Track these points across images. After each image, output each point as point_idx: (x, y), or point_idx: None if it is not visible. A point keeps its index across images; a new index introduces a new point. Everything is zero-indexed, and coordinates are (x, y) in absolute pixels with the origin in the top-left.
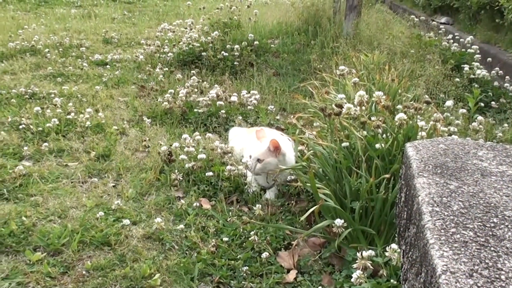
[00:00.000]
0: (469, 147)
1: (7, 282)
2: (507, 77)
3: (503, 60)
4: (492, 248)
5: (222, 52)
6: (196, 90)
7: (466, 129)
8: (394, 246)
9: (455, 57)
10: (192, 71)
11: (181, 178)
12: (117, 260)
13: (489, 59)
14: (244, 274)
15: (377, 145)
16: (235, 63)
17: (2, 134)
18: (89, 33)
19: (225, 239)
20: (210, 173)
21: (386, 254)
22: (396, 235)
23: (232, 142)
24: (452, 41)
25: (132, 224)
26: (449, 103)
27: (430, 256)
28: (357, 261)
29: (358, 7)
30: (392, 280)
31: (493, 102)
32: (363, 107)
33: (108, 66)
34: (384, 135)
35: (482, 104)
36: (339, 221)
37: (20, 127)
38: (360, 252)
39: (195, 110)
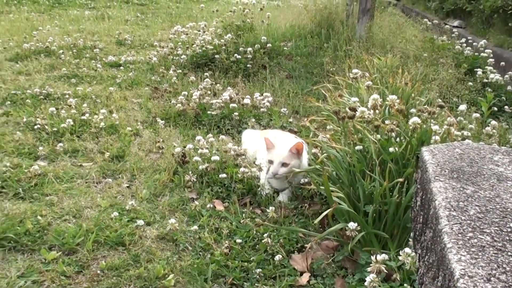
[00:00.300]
0: (485, 152)
1: (23, 280)
2: None
3: None
4: (509, 253)
5: (235, 54)
6: (209, 92)
7: (480, 134)
8: (407, 250)
9: (468, 61)
10: (205, 74)
11: (194, 180)
12: (131, 260)
13: (503, 63)
14: (257, 276)
15: (391, 149)
16: (248, 65)
17: (17, 134)
18: (102, 34)
19: (239, 241)
20: (224, 175)
21: (400, 258)
22: (409, 239)
23: (245, 145)
24: (465, 44)
25: (146, 225)
26: (463, 107)
27: (447, 260)
28: (370, 264)
29: (371, 10)
30: (405, 285)
31: (506, 107)
32: (377, 111)
33: (121, 67)
34: (397, 139)
35: (496, 109)
36: (352, 225)
37: (35, 127)
38: (374, 256)
39: (209, 112)
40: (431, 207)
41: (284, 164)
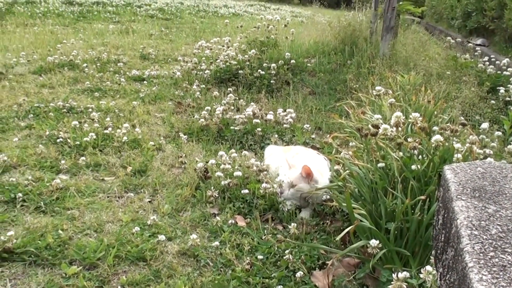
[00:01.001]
0: (507, 171)
1: None
2: None
3: None
4: None
5: (259, 70)
6: (232, 107)
7: (502, 152)
8: (429, 268)
9: (491, 79)
10: (228, 89)
11: (216, 195)
12: (152, 276)
13: None
14: None
15: (413, 167)
16: (271, 81)
17: (40, 148)
18: (126, 48)
19: (260, 257)
20: (246, 191)
21: (421, 276)
22: (431, 257)
23: (267, 160)
24: (488, 63)
25: (167, 240)
26: (485, 125)
27: (469, 280)
28: (391, 282)
29: (395, 28)
30: None
31: None
32: (400, 128)
33: (145, 81)
34: (420, 157)
35: None
36: (374, 242)
37: (58, 140)
38: (395, 274)
39: (231, 127)
40: (452, 225)
41: (292, 185)
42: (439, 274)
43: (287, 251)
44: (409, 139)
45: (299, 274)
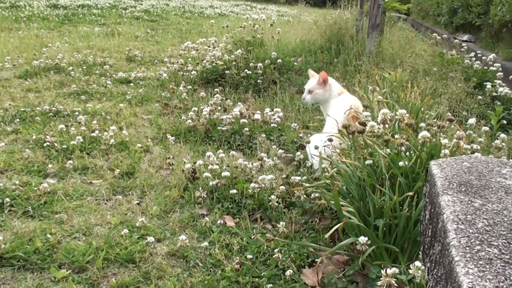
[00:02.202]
0: (493, 165)
1: None
2: None
3: None
4: None
5: (245, 70)
6: (219, 108)
7: (489, 147)
8: (418, 263)
9: (478, 75)
10: (215, 89)
11: (205, 196)
12: (141, 278)
13: (511, 76)
14: None
15: (401, 163)
16: (258, 81)
17: (27, 152)
18: (112, 51)
19: (249, 256)
20: (234, 191)
21: (410, 271)
22: (420, 252)
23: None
24: (474, 59)
25: (156, 242)
26: (472, 120)
27: (455, 273)
28: (381, 278)
29: (381, 25)
30: None
31: None
32: (387, 125)
33: (131, 84)
34: (407, 153)
35: (505, 122)
36: (363, 239)
37: (45, 144)
38: (384, 270)
39: (219, 128)
40: (439, 220)
41: (309, 92)
42: (427, 269)
43: (276, 250)
44: (396, 136)
45: (288, 272)
